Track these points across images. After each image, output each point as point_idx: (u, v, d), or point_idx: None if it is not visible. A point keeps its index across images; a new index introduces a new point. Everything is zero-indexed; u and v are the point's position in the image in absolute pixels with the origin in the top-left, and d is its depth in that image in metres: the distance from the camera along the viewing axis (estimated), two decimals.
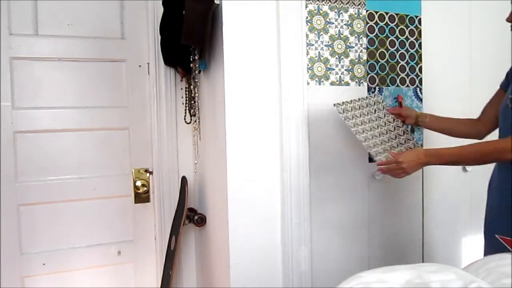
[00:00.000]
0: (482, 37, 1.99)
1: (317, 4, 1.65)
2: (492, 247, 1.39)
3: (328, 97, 1.68)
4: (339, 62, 1.70)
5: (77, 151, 1.94)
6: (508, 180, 1.35)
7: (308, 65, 1.64)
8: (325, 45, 1.67)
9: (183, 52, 1.78)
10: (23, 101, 1.85)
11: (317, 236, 1.66)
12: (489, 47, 2.00)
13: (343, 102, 1.58)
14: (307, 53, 1.64)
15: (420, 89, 1.86)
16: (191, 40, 1.63)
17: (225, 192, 1.55)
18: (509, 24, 1.38)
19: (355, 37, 1.73)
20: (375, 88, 1.76)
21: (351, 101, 1.61)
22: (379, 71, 1.77)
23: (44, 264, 1.90)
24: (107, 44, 1.96)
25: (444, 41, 1.91)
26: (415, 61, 1.84)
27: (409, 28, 1.82)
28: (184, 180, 1.93)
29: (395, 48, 1.80)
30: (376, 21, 1.76)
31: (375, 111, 1.65)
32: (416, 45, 1.83)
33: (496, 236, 1.43)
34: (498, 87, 1.56)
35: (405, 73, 1.82)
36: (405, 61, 1.82)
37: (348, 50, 1.71)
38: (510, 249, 1.35)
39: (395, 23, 1.79)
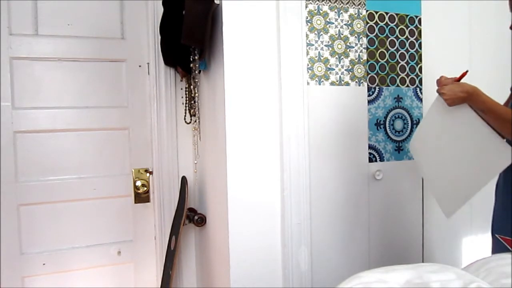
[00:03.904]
0: (482, 37, 1.99)
1: (317, 4, 1.65)
2: (499, 248, 1.40)
3: (328, 97, 1.68)
4: (339, 62, 1.70)
5: (77, 151, 1.94)
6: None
7: (308, 65, 1.64)
8: (325, 45, 1.67)
9: (183, 52, 1.78)
10: (23, 101, 1.85)
11: (317, 236, 1.66)
12: (489, 47, 2.00)
13: None
14: (307, 53, 1.64)
15: (420, 89, 1.86)
16: (191, 40, 1.63)
17: (225, 192, 1.55)
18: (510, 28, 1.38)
19: (355, 37, 1.73)
20: (375, 88, 1.77)
21: None
22: (379, 71, 1.77)
23: (44, 264, 1.90)
24: (107, 44, 1.96)
25: (444, 41, 1.91)
26: (415, 61, 1.84)
27: (409, 28, 1.82)
28: (184, 180, 1.93)
29: (395, 48, 1.80)
30: (376, 21, 1.76)
31: None
32: (416, 45, 1.83)
33: (497, 236, 1.44)
34: (498, 87, 1.56)
35: (405, 73, 1.82)
36: (405, 61, 1.82)
37: (348, 50, 1.71)
38: (510, 248, 1.35)
39: (395, 23, 1.79)
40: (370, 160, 1.76)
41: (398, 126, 1.81)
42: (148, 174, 2.02)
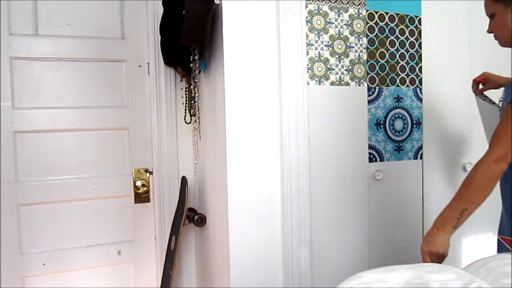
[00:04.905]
0: (482, 37, 1.99)
1: (317, 4, 1.65)
2: (503, 248, 1.40)
3: (328, 97, 1.68)
4: (339, 62, 1.70)
5: (77, 151, 1.94)
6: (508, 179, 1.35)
7: (308, 65, 1.64)
8: (325, 45, 1.67)
9: (183, 52, 1.78)
10: (23, 101, 1.85)
11: (317, 236, 1.66)
12: (489, 47, 2.00)
13: None
14: (307, 53, 1.64)
15: (420, 89, 1.86)
16: (191, 40, 1.63)
17: (225, 192, 1.55)
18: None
19: (355, 37, 1.73)
20: (375, 88, 1.77)
21: None
22: (379, 71, 1.77)
23: (44, 264, 1.90)
24: (107, 44, 1.96)
25: (444, 41, 1.91)
26: (415, 61, 1.84)
27: (409, 28, 1.82)
28: (184, 180, 1.93)
29: (395, 48, 1.80)
30: (376, 21, 1.76)
31: None
32: (416, 45, 1.83)
33: (497, 236, 1.44)
34: None
35: (405, 73, 1.82)
36: (405, 61, 1.82)
37: (348, 50, 1.71)
38: (510, 249, 1.35)
39: (395, 23, 1.79)
40: (370, 160, 1.76)
41: (398, 126, 1.81)
42: (148, 174, 2.02)
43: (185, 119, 1.97)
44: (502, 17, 1.31)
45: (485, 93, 1.64)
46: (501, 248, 1.42)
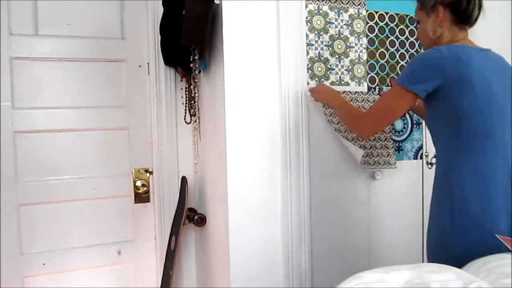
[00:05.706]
0: (482, 37, 1.98)
1: (317, 4, 1.65)
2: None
3: None
4: (339, 62, 1.70)
5: (77, 151, 1.94)
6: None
7: (308, 65, 1.64)
8: (325, 45, 1.67)
9: (183, 52, 1.78)
10: (23, 101, 1.85)
11: (317, 236, 1.66)
12: (488, 47, 2.00)
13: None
14: (307, 53, 1.64)
15: None
16: (191, 40, 1.63)
17: (225, 192, 1.55)
18: None
19: (355, 37, 1.73)
20: (375, 88, 1.77)
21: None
22: (379, 71, 1.77)
23: (44, 264, 1.90)
24: (107, 44, 1.96)
25: None
26: None
27: (409, 28, 1.82)
28: (184, 180, 1.93)
29: (395, 48, 1.80)
30: (376, 21, 1.76)
31: None
32: (416, 45, 1.83)
33: (497, 236, 1.43)
34: None
35: None
36: (405, 61, 1.82)
37: (348, 50, 1.71)
38: (510, 249, 1.35)
39: (395, 23, 1.79)
40: None
41: (398, 126, 1.81)
42: (148, 174, 2.02)
43: (185, 119, 1.98)
44: (423, 25, 1.39)
45: None
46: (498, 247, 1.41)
